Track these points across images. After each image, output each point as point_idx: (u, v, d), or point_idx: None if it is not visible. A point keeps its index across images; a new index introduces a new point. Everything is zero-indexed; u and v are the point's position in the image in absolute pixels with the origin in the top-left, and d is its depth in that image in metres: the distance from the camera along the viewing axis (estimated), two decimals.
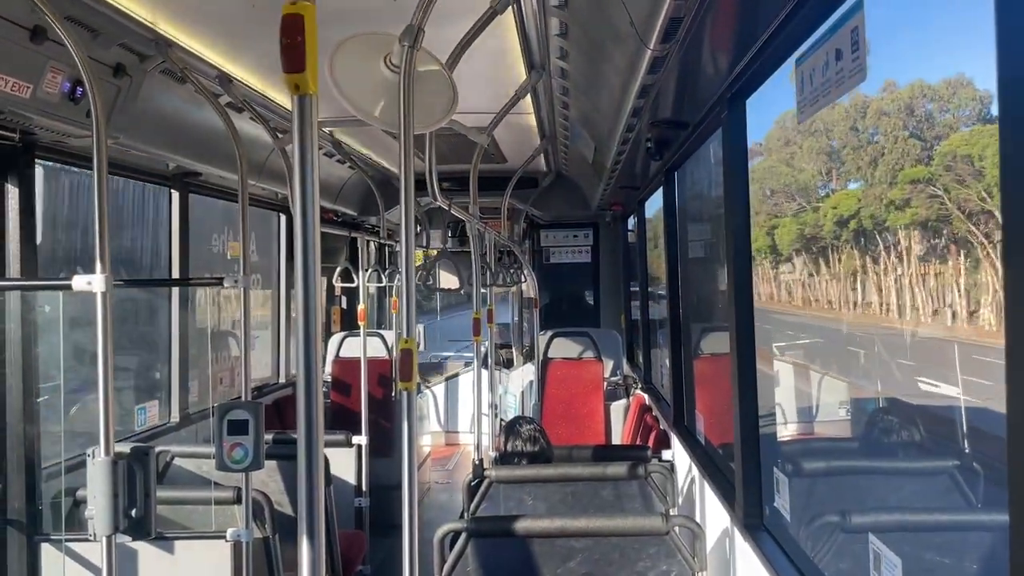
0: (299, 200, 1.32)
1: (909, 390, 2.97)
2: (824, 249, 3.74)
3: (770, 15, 2.33)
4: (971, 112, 2.51)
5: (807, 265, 3.98)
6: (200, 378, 5.46)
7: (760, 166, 4.17)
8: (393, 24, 1.98)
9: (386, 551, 5.91)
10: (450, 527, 2.86)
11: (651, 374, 7.11)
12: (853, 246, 3.37)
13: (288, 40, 1.27)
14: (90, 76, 2.44)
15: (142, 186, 5.35)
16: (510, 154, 6.53)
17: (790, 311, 4.18)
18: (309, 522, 1.33)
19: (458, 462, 9.23)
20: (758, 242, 3.78)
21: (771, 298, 4.26)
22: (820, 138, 3.66)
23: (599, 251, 9.30)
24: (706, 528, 3.47)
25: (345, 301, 9.06)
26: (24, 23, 2.78)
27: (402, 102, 1.80)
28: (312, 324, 1.33)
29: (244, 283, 3.45)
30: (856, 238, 3.32)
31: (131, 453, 2.46)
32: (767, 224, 4.25)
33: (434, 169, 2.81)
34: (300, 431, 1.33)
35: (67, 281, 2.44)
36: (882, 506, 2.62)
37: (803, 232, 3.93)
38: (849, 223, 3.36)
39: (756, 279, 3.48)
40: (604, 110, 3.99)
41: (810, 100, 2.27)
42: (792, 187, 4.11)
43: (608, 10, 2.69)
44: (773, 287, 4.24)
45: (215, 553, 3.24)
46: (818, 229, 3.75)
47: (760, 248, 4.07)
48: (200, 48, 3.53)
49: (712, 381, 4.70)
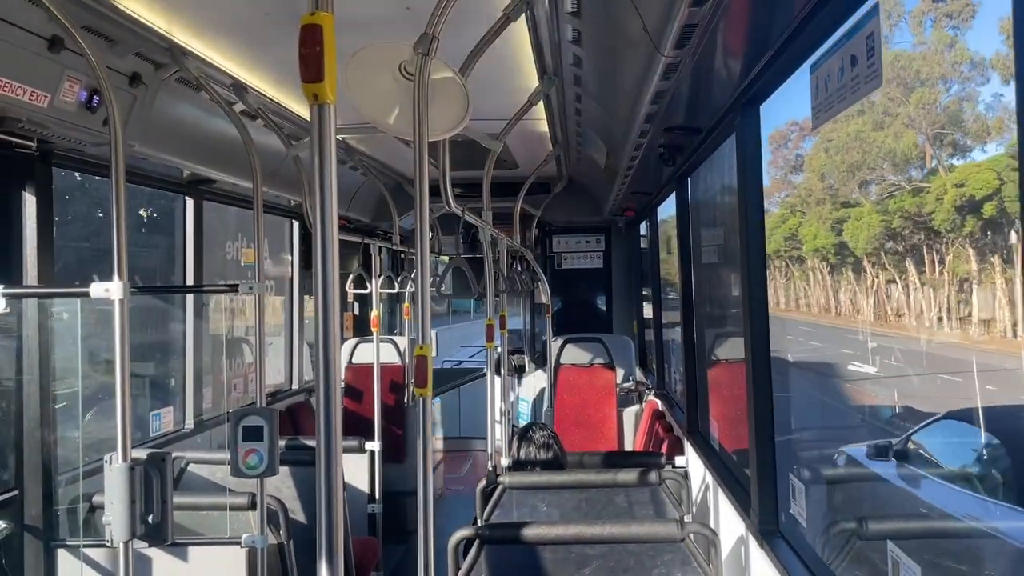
0: (317, 209, 1.32)
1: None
2: (916, 248, 3.01)
3: (784, 21, 2.33)
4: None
5: (889, 268, 3.38)
6: (214, 384, 5.49)
7: (828, 144, 3.55)
8: (407, 32, 1.99)
9: (399, 557, 5.92)
10: (464, 533, 2.85)
11: (664, 380, 7.09)
12: (978, 240, 2.49)
13: (306, 50, 1.27)
14: (107, 85, 2.46)
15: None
16: (522, 160, 6.54)
17: (856, 326, 3.84)
18: (327, 529, 1.33)
19: (471, 469, 9.23)
20: (818, 240, 3.41)
21: (826, 310, 3.92)
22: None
23: (611, 257, 9.29)
24: (721, 535, 3.46)
25: (357, 308, 9.08)
26: (42, 33, 2.81)
27: (417, 110, 1.81)
28: (330, 331, 1.33)
29: (258, 290, 3.46)
30: (987, 229, 2.42)
31: (148, 459, 2.47)
32: (831, 217, 3.80)
33: (448, 176, 2.81)
34: (319, 437, 1.33)
35: (84, 288, 2.46)
36: (900, 513, 2.60)
37: (889, 225, 3.27)
38: (981, 208, 2.46)
39: (808, 286, 3.16)
40: (617, 116, 3.99)
41: (824, 106, 2.26)
42: (883, 160, 3.34)
43: (622, 16, 2.69)
44: (840, 296, 3.87)
45: (230, 559, 3.25)
46: (910, 221, 3.00)
47: (819, 248, 3.71)
48: (215, 57, 3.56)
49: (726, 387, 4.68)
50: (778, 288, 5.99)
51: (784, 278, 5.39)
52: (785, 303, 6.10)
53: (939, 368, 3.10)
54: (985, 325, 2.47)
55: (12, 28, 2.69)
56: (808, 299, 3.01)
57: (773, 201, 5.71)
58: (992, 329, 2.46)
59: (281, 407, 6.27)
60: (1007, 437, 2.81)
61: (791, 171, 4.09)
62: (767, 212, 3.26)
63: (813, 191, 2.57)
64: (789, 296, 5.91)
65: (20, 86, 2.82)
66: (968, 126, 2.64)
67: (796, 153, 3.24)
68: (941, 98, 2.75)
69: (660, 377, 7.15)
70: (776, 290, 5.86)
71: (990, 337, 2.48)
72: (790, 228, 4.81)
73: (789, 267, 5.37)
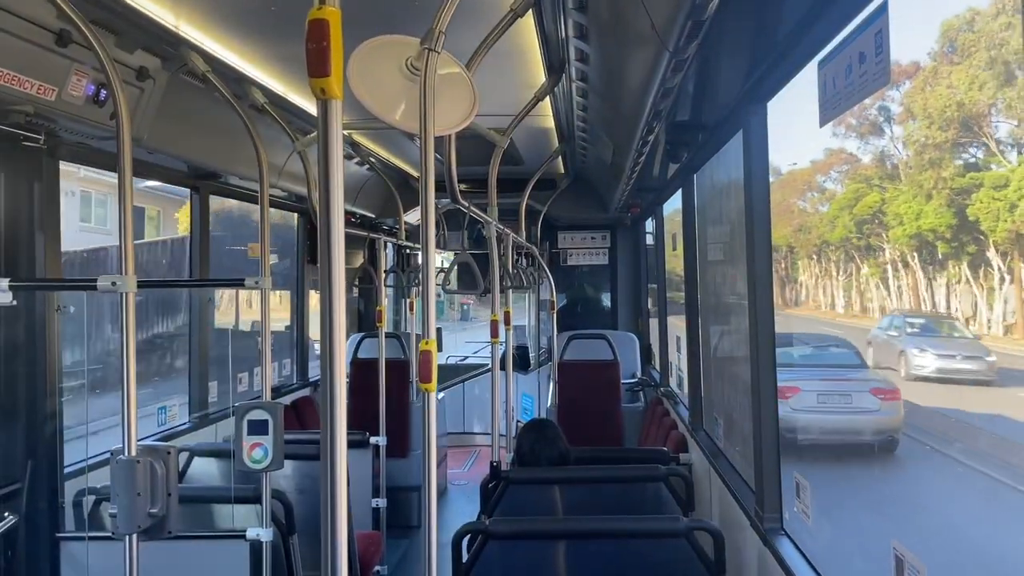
0: (323, 204, 1.32)
1: None
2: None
3: (792, 18, 2.32)
4: None
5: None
6: (219, 378, 5.50)
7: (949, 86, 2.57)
8: (414, 27, 1.99)
9: (402, 552, 5.93)
10: (467, 528, 2.86)
11: (668, 377, 7.09)
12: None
13: (314, 45, 1.27)
14: (114, 79, 2.47)
15: None
16: (528, 156, 6.53)
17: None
18: (331, 523, 1.33)
19: (474, 463, 9.24)
20: (921, 220, 2.55)
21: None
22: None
23: (616, 253, 9.28)
24: (725, 532, 3.46)
25: (362, 303, 9.10)
26: (50, 27, 2.82)
27: (423, 105, 1.81)
28: (336, 326, 1.34)
29: (264, 284, 3.47)
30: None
31: (153, 452, 2.48)
32: (950, 185, 2.79)
33: (454, 171, 2.81)
34: (323, 431, 1.34)
35: (92, 281, 2.47)
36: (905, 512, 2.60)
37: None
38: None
39: (912, 281, 2.57)
40: (623, 112, 3.98)
41: (832, 103, 2.26)
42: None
43: (629, 12, 2.69)
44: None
45: (234, 552, 3.25)
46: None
47: (919, 232, 2.67)
48: (222, 51, 3.56)
49: (730, 384, 4.68)
50: (832, 286, 5.10)
51: (841, 275, 4.40)
52: (848, 304, 4.92)
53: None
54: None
55: (20, 22, 2.70)
56: (890, 297, 2.23)
57: (830, 178, 4.59)
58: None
59: (286, 401, 6.29)
60: None
61: (869, 132, 2.99)
62: (826, 191, 2.96)
63: (922, 147, 1.90)
64: (857, 295, 4.55)
65: (28, 80, 2.83)
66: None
67: (879, 104, 2.33)
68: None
69: (664, 374, 7.15)
70: (830, 289, 4.98)
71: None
72: (870, 207, 3.68)
73: (854, 259, 4.19)
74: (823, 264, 4.05)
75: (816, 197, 3.95)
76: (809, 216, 4.02)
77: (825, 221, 3.37)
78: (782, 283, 5.35)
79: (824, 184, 4.06)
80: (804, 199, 3.80)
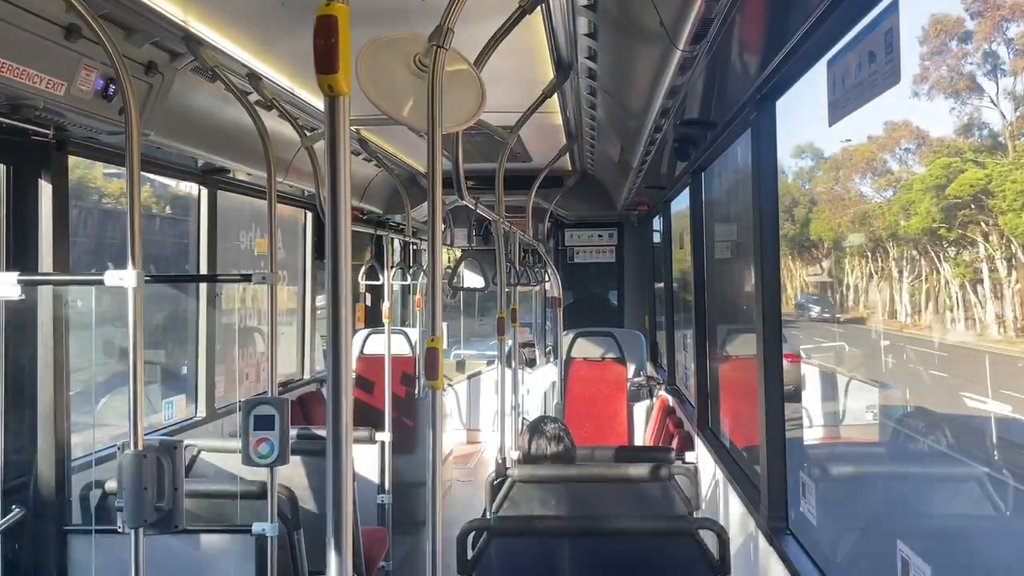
0: (330, 200, 1.32)
1: None
2: None
3: (801, 16, 2.31)
4: None
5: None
6: (226, 373, 5.51)
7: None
8: (422, 24, 1.98)
9: (408, 548, 5.94)
10: (472, 525, 2.86)
11: (675, 375, 7.08)
12: None
13: (322, 41, 1.27)
14: (123, 74, 2.47)
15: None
16: (536, 153, 6.53)
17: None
18: (336, 519, 1.33)
19: (479, 460, 9.25)
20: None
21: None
22: None
23: (623, 251, 9.27)
24: (730, 531, 3.45)
25: (369, 299, 9.11)
26: (59, 21, 2.82)
27: (431, 102, 1.81)
28: (343, 322, 1.34)
29: (271, 280, 3.47)
30: None
31: (160, 446, 2.49)
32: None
33: (461, 168, 2.81)
34: (329, 427, 1.34)
35: (99, 276, 2.47)
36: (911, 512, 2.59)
37: None
38: None
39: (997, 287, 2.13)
40: (631, 110, 3.98)
41: (841, 102, 2.25)
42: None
43: (638, 10, 2.68)
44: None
45: (240, 547, 3.26)
46: None
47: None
48: (230, 46, 3.57)
49: (737, 383, 4.67)
50: (892, 289, 3.79)
51: (908, 275, 3.19)
52: (914, 313, 3.44)
53: None
54: None
55: (29, 16, 2.71)
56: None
57: (900, 151, 3.33)
58: None
59: (292, 397, 6.30)
60: None
61: (965, 89, 2.33)
62: (892, 173, 2.64)
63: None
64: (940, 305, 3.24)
65: (37, 74, 2.84)
66: None
67: (989, 46, 1.70)
68: None
69: (671, 372, 7.14)
70: (889, 293, 3.61)
71: None
72: (970, 186, 2.67)
73: (929, 255, 3.16)
74: (879, 262, 3.18)
75: (879, 180, 2.97)
76: (866, 203, 3.06)
77: (895, 208, 2.54)
78: (826, 286, 4.69)
79: (888, 165, 2.92)
80: (864, 181, 2.92)
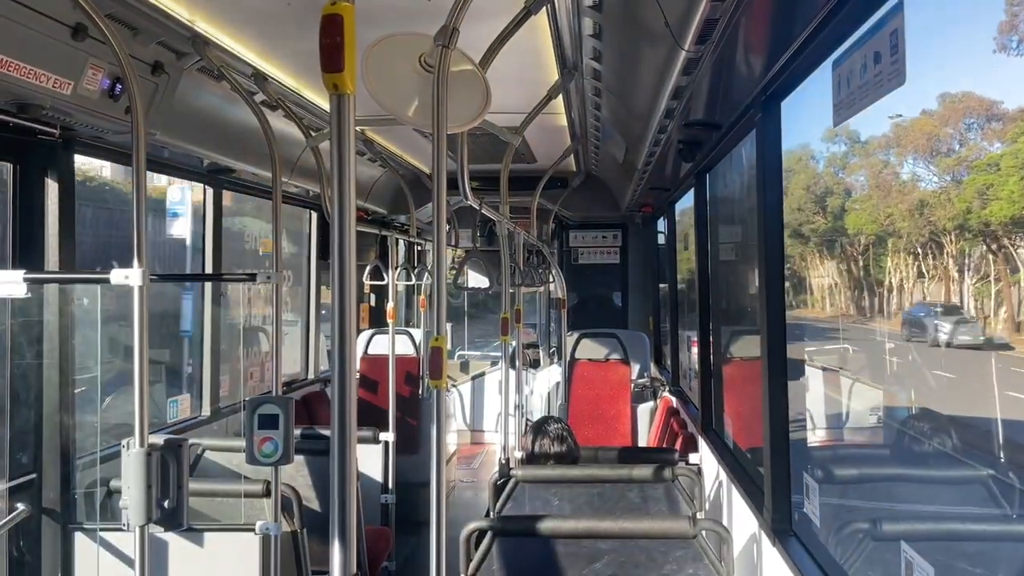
0: (335, 200, 1.32)
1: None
2: None
3: (807, 17, 2.31)
4: None
5: None
6: (231, 373, 5.52)
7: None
8: (427, 24, 1.99)
9: (411, 548, 5.94)
10: (476, 525, 2.86)
11: (679, 377, 7.07)
12: None
13: (328, 40, 1.28)
14: (130, 73, 2.48)
15: None
16: (540, 154, 6.53)
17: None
18: (340, 518, 1.34)
19: (483, 461, 9.25)
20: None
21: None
22: None
23: (628, 252, 9.26)
24: (734, 533, 3.45)
25: (373, 299, 9.12)
26: (66, 21, 2.83)
27: (436, 102, 1.81)
28: (347, 322, 1.34)
29: (276, 279, 3.48)
30: None
31: (164, 445, 2.49)
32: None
33: (466, 169, 2.81)
34: (333, 427, 1.34)
35: (105, 275, 2.48)
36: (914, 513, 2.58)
37: None
38: None
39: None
40: (636, 111, 3.98)
41: (846, 103, 2.24)
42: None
43: (642, 11, 2.68)
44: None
45: (244, 546, 3.27)
46: None
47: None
48: (236, 46, 3.58)
49: (741, 385, 4.66)
50: (950, 290, 3.32)
51: (971, 274, 2.86)
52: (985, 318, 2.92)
53: None
54: None
55: (36, 15, 2.71)
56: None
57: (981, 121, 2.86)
58: None
59: (297, 396, 6.31)
60: None
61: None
62: (974, 145, 2.49)
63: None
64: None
65: (44, 73, 2.85)
66: None
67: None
68: None
69: (675, 373, 7.14)
70: (945, 295, 3.26)
71: None
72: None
73: (1002, 251, 2.75)
74: (934, 259, 2.71)
75: (943, 161, 2.47)
76: (924, 191, 2.60)
77: (968, 194, 2.09)
78: (858, 286, 4.01)
79: (952, 144, 2.37)
80: (925, 163, 2.46)
